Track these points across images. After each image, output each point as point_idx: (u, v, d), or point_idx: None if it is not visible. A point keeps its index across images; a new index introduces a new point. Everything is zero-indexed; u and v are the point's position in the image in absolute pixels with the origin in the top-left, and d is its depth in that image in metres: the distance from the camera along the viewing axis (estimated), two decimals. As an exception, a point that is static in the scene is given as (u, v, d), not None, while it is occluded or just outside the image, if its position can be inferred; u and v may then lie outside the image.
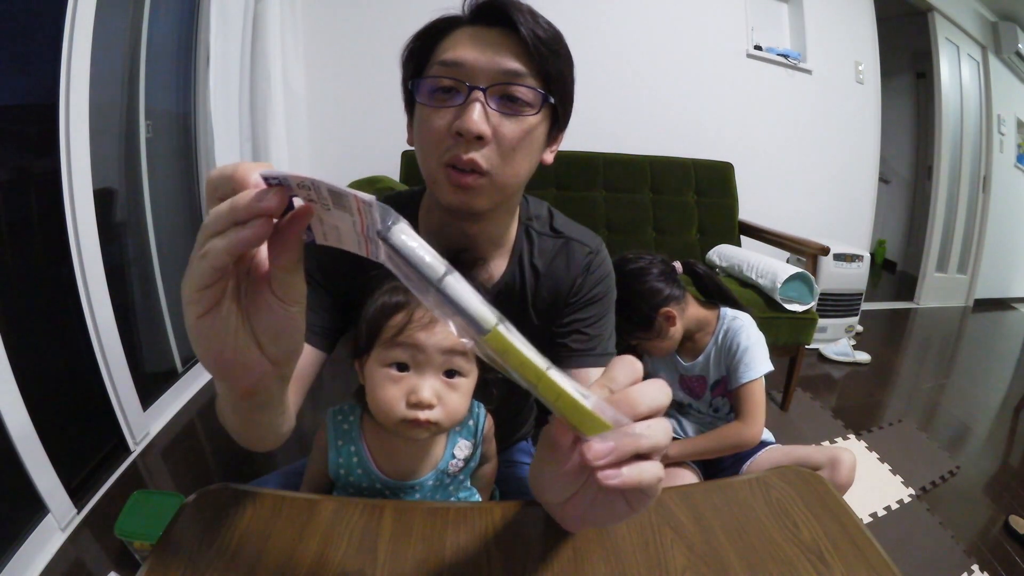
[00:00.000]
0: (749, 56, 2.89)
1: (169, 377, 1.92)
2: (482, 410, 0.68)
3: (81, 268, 1.41)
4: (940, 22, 3.45)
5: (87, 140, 1.40)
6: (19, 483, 1.20)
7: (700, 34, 2.80)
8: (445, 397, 0.56)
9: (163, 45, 1.90)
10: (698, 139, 2.85)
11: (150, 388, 1.76)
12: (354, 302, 0.62)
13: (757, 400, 1.10)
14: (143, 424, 1.66)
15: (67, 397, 1.51)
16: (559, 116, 0.62)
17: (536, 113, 0.58)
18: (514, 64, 0.56)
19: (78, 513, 1.34)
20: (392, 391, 0.56)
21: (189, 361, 2.04)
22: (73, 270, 1.40)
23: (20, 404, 1.18)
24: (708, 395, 1.22)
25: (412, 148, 0.63)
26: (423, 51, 0.59)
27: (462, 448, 0.65)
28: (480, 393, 0.63)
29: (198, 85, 2.04)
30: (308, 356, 0.65)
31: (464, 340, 0.28)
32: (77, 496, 1.35)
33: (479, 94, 0.54)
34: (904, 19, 3.68)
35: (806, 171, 3.14)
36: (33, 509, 1.23)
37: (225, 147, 1.91)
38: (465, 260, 0.65)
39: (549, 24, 0.58)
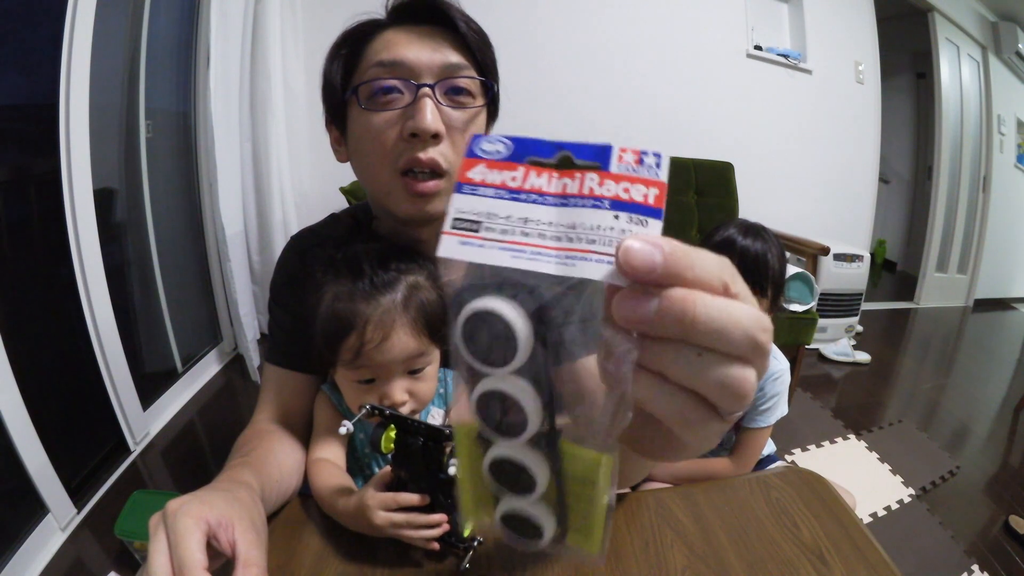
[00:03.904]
0: (749, 56, 2.89)
1: (169, 377, 1.92)
2: (451, 375, 0.67)
3: (81, 268, 1.41)
4: (940, 22, 3.44)
5: (87, 140, 1.40)
6: (19, 483, 1.20)
7: (700, 34, 2.80)
8: (415, 389, 0.58)
9: (163, 45, 1.90)
10: (698, 139, 2.84)
11: (150, 388, 1.76)
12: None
13: (759, 447, 1.04)
14: (143, 424, 1.66)
15: (67, 397, 1.51)
16: (495, 108, 0.61)
17: (480, 104, 0.57)
18: (455, 57, 0.55)
19: (78, 513, 1.34)
20: (365, 399, 0.57)
21: (189, 361, 2.04)
22: (73, 270, 1.40)
23: (20, 404, 1.18)
24: None
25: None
26: (351, 59, 0.56)
27: (435, 417, 0.66)
28: (449, 360, 0.63)
29: (198, 85, 2.04)
30: (306, 389, 0.64)
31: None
32: (77, 496, 1.35)
33: (428, 91, 0.52)
34: (904, 19, 3.68)
35: (806, 171, 3.13)
36: (33, 509, 1.23)
37: (225, 147, 1.91)
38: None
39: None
